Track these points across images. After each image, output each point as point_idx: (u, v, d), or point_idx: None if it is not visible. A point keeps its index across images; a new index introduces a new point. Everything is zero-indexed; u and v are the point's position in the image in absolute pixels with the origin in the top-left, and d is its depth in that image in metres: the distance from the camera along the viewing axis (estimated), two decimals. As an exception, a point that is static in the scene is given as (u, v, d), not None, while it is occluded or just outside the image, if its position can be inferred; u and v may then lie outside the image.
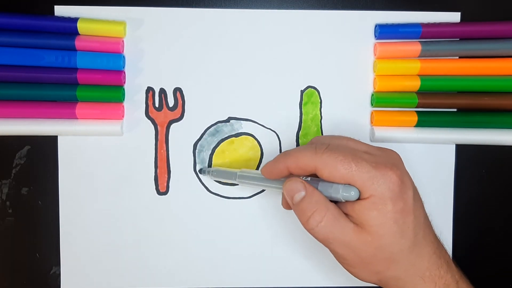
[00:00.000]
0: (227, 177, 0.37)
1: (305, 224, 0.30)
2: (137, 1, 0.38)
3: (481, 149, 0.40)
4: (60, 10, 0.38)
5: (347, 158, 0.29)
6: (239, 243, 0.40)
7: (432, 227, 0.32)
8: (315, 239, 0.40)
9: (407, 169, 0.31)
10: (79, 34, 0.37)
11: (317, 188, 0.30)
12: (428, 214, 0.32)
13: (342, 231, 0.30)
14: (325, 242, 0.31)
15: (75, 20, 0.37)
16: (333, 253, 0.32)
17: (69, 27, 0.37)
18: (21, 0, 0.38)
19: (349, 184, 0.29)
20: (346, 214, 0.30)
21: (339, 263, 0.36)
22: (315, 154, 0.30)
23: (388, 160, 0.30)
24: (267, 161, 0.33)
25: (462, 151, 0.40)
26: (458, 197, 0.40)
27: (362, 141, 0.33)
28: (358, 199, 0.29)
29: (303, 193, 0.30)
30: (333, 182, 0.30)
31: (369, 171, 0.29)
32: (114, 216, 0.39)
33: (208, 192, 0.40)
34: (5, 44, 0.37)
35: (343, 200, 0.30)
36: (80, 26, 0.37)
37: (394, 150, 0.32)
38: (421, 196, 0.31)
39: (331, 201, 0.30)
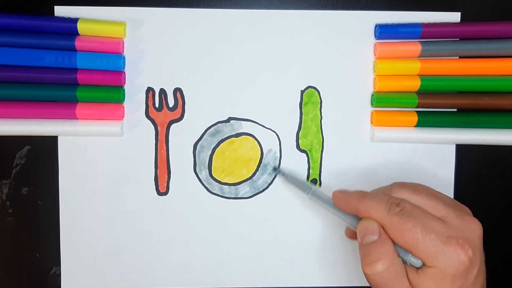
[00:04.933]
0: (300, 187, 0.37)
1: (365, 267, 0.30)
2: (137, 1, 0.38)
3: (481, 149, 0.40)
4: (60, 11, 0.38)
5: (415, 228, 0.28)
6: (239, 243, 0.40)
7: None
8: (316, 240, 0.40)
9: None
10: (79, 34, 0.37)
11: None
12: None
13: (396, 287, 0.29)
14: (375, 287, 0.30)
15: (75, 20, 0.37)
16: None
17: (69, 28, 0.37)
18: (21, 0, 0.38)
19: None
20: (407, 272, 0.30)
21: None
22: (386, 214, 0.29)
23: (463, 234, 0.29)
24: (341, 188, 0.33)
25: (462, 151, 0.40)
26: (458, 197, 0.40)
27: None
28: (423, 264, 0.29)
29: (375, 237, 0.30)
30: None
31: (436, 245, 0.28)
32: (114, 216, 0.39)
33: (208, 192, 0.40)
34: (5, 44, 0.37)
35: (408, 264, 0.29)
36: (80, 26, 0.37)
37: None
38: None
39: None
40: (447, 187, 0.40)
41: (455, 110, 0.40)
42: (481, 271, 0.29)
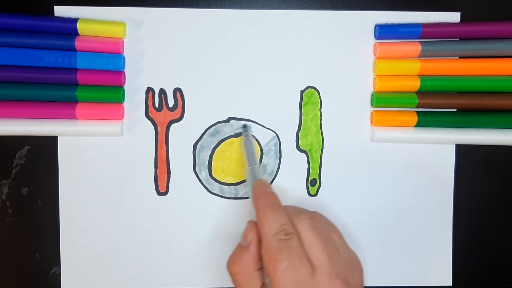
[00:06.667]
0: (248, 157, 0.37)
1: (227, 262, 0.32)
2: (137, 1, 0.38)
3: (481, 149, 0.40)
4: (60, 11, 0.38)
5: (281, 262, 0.28)
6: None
7: None
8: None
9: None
10: (79, 34, 0.37)
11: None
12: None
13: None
14: None
15: (75, 20, 0.37)
16: None
17: (69, 28, 0.37)
18: (21, 0, 0.38)
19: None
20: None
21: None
22: (271, 235, 0.29)
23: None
24: (267, 183, 0.34)
25: (462, 151, 0.40)
26: (458, 197, 0.40)
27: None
28: None
29: (244, 244, 0.31)
30: None
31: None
32: (114, 216, 0.39)
33: (208, 192, 0.40)
34: (5, 44, 0.37)
35: (266, 282, 0.30)
36: (80, 26, 0.37)
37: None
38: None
39: None
40: (447, 187, 0.40)
41: (455, 110, 0.40)
42: None
